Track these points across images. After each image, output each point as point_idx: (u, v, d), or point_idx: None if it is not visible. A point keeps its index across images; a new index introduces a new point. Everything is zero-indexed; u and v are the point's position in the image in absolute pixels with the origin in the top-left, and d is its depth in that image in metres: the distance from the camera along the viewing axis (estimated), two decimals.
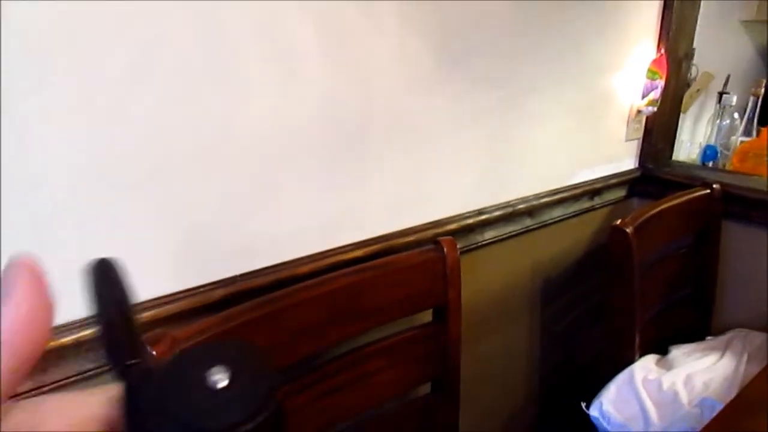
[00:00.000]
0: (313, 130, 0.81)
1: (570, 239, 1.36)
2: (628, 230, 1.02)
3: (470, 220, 1.05)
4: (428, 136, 0.96)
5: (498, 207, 1.11)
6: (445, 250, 0.88)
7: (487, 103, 1.04)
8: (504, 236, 1.14)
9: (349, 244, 0.88)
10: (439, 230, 0.99)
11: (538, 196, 1.19)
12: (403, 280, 0.86)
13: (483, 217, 1.07)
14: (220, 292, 0.73)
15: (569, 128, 1.26)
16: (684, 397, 1.02)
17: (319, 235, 0.86)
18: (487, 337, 1.21)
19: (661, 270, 1.25)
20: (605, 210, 1.43)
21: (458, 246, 1.01)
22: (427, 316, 0.94)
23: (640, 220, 1.10)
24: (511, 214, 1.13)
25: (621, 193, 1.46)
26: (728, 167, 1.58)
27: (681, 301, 1.36)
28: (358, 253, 0.89)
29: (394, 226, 0.96)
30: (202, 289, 0.72)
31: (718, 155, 1.59)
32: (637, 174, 1.49)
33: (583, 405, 1.05)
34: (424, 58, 0.91)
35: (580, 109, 1.27)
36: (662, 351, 1.23)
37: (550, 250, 1.31)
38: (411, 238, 0.95)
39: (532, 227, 1.20)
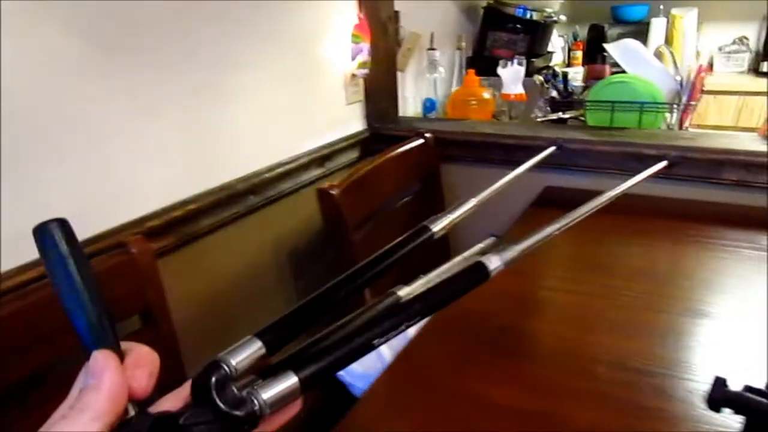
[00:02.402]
0: None
1: (308, 208, 1.38)
2: (333, 192, 1.07)
3: (178, 212, 1.00)
4: (113, 130, 0.89)
5: (210, 192, 1.08)
6: (134, 250, 0.83)
7: (183, 87, 1.00)
8: (226, 220, 1.12)
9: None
10: (140, 229, 0.94)
11: (258, 173, 1.19)
12: None
13: (193, 206, 1.03)
14: None
15: (285, 99, 1.27)
16: (411, 330, 1.11)
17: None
18: (234, 324, 1.19)
19: (392, 218, 1.34)
20: (341, 174, 1.48)
21: (168, 242, 0.96)
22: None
23: (353, 179, 1.15)
24: (229, 196, 1.11)
25: (353, 155, 1.53)
26: (445, 116, 1.74)
27: (417, 245, 1.48)
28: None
29: (86, 233, 0.88)
30: None
31: (437, 106, 1.75)
32: (367, 134, 1.57)
33: None
34: (88, 48, 0.83)
35: (293, 78, 1.29)
36: None
37: (289, 223, 1.33)
38: (100, 245, 0.88)
39: (259, 204, 1.20)
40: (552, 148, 0.58)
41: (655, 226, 1.19)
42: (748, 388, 0.47)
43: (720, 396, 0.48)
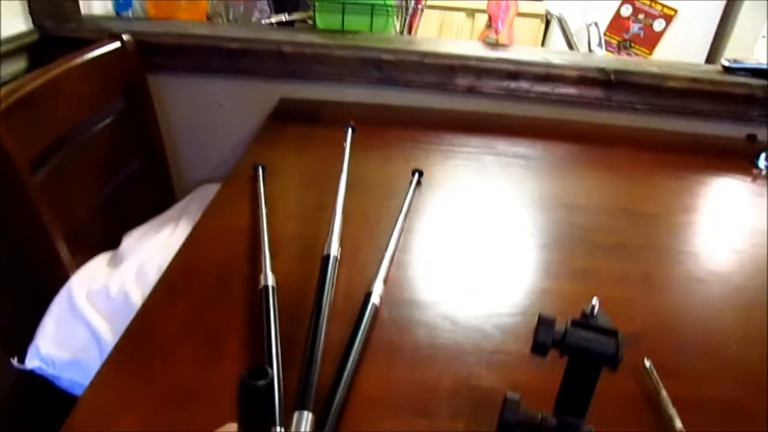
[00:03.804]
0: None
1: None
2: None
3: None
4: None
5: None
6: None
7: None
8: None
9: None
10: None
11: None
12: None
13: None
14: None
15: None
16: (137, 294, 0.86)
17: None
18: None
19: (88, 148, 1.02)
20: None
21: None
22: None
23: (12, 100, 0.80)
24: None
25: (18, 66, 1.11)
26: (145, 15, 1.39)
27: (135, 177, 1.19)
28: None
29: None
30: None
31: (134, 3, 1.38)
32: (35, 37, 1.15)
33: (14, 361, 0.79)
34: None
35: None
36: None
37: None
38: None
39: None
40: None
41: (394, 136, 1.12)
42: (575, 323, 0.40)
43: (548, 339, 0.40)
